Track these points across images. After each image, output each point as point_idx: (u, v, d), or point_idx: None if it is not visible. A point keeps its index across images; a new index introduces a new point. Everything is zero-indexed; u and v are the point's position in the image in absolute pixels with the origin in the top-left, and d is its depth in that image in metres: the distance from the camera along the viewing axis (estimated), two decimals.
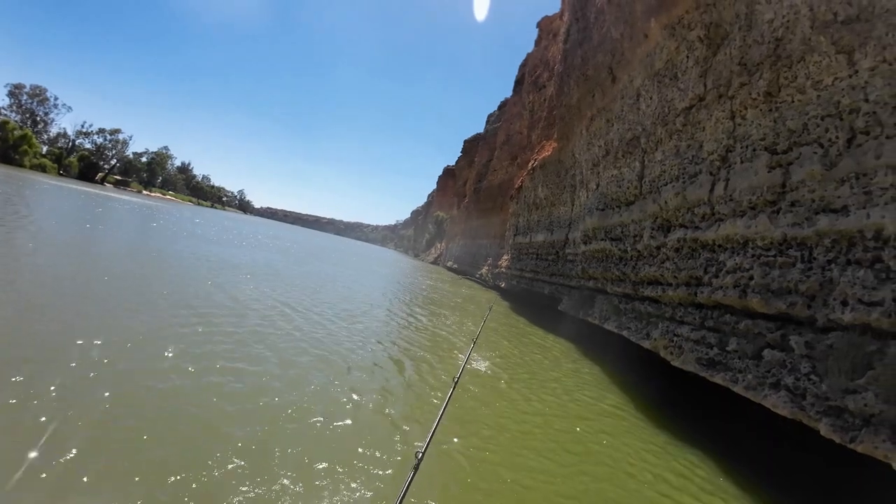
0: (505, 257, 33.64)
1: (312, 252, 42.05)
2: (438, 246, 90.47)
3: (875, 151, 4.98)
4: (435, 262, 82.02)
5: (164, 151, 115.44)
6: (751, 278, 7.24)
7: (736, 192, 7.88)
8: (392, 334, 11.87)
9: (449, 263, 66.44)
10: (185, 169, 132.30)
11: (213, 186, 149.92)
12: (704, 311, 8.88)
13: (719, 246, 8.45)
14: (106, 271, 11.11)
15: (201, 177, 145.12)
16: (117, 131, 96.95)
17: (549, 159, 23.43)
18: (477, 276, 44.80)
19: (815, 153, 6.02)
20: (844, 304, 5.08)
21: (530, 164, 27.98)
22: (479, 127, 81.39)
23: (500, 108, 69.86)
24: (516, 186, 31.20)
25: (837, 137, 5.64)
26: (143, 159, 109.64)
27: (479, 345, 11.38)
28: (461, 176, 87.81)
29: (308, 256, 34.69)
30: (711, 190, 8.67)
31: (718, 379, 7.73)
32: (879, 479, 4.95)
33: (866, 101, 5.26)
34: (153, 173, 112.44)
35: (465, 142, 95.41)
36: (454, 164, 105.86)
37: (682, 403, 9.89)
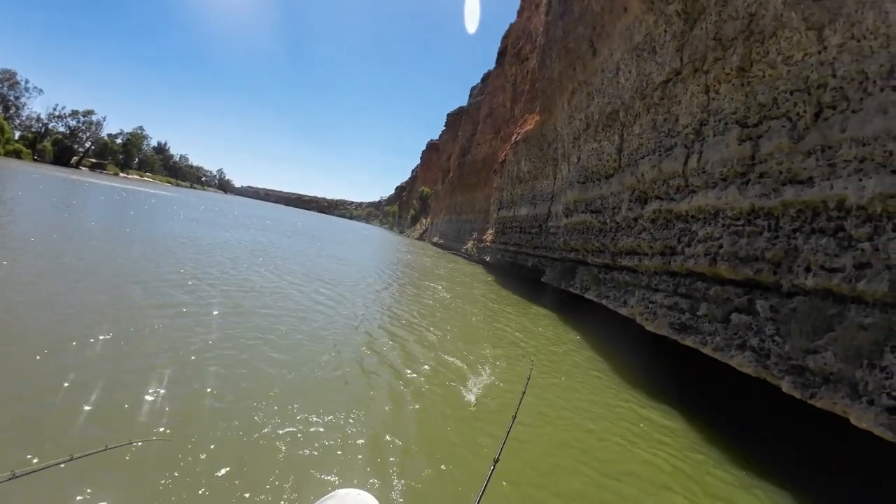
0: (489, 231, 33.79)
1: (299, 231, 41.60)
2: (423, 222, 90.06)
3: (840, 125, 5.12)
4: (420, 238, 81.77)
5: (139, 132, 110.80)
6: (720, 247, 7.49)
7: (708, 165, 8.04)
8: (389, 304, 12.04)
9: (434, 239, 66.39)
10: (161, 149, 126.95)
11: (191, 166, 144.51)
12: (677, 279, 9.17)
13: (692, 217, 8.66)
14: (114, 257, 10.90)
15: (179, 156, 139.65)
16: (90, 112, 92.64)
17: (532, 133, 23.33)
18: (462, 250, 44.99)
19: (784, 127, 6.16)
20: (808, 270, 5.32)
21: (513, 138, 27.83)
22: (463, 100, 79.92)
23: (483, 80, 68.66)
24: (500, 160, 31.08)
25: (805, 111, 5.77)
26: (118, 141, 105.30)
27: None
28: (445, 150, 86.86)
29: (296, 235, 34.34)
30: (685, 162, 8.82)
31: (689, 341, 8.07)
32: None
33: (834, 76, 5.37)
34: (129, 155, 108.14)
35: (449, 115, 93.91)
36: (438, 138, 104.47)
37: (655, 365, 10.28)
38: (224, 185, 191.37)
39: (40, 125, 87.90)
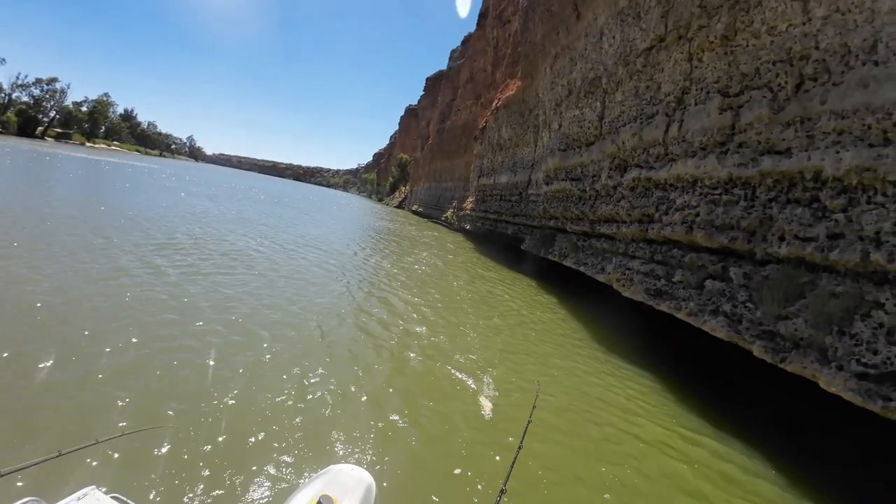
0: (470, 199, 33.59)
1: (276, 200, 40.47)
2: (402, 189, 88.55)
3: (821, 98, 5.13)
4: (400, 206, 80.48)
5: (104, 99, 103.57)
6: (697, 215, 7.61)
7: (689, 133, 8.05)
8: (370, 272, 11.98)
9: (414, 207, 65.64)
10: (128, 116, 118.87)
11: (160, 133, 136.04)
12: (654, 246, 9.34)
13: (670, 185, 8.73)
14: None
15: (147, 124, 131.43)
16: (54, 80, 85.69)
17: (513, 99, 22.87)
18: (442, 218, 44.71)
19: (765, 97, 6.15)
20: (782, 239, 5.46)
21: (494, 104, 27.26)
22: (443, 64, 77.23)
23: (463, 43, 66.31)
24: (480, 127, 30.54)
25: (787, 83, 5.76)
26: (84, 109, 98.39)
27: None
28: (424, 116, 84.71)
29: (279, 205, 33.41)
30: (666, 131, 8.80)
31: (664, 307, 8.30)
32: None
33: (817, 48, 5.34)
34: (95, 123, 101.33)
35: (428, 80, 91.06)
36: (416, 103, 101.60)
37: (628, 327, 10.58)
38: (195, 153, 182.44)
39: (3, 95, 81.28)
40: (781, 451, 5.00)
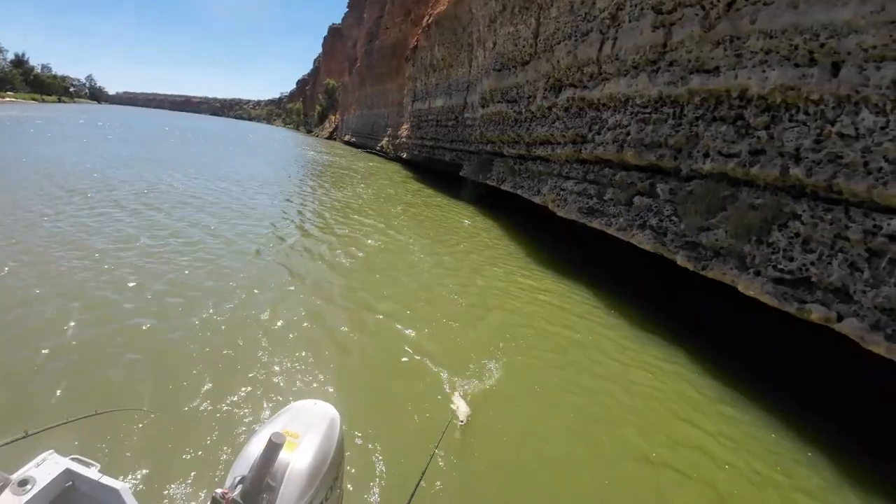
0: (405, 126, 31.93)
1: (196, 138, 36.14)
2: (332, 119, 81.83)
3: (751, 17, 5.08)
4: (331, 137, 74.66)
5: None
6: (628, 134, 7.70)
7: (622, 52, 7.87)
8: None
9: (346, 137, 61.40)
10: (20, 62, 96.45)
11: (55, 77, 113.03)
12: (587, 167, 9.48)
13: (603, 105, 8.69)
14: None
15: (40, 67, 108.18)
16: None
17: (445, 15, 21.09)
18: (378, 148, 42.48)
19: (697, 15, 6.03)
20: (706, 155, 5.66)
21: (425, 21, 25.06)
22: None
23: None
24: (412, 47, 28.27)
25: (719, 1, 5.61)
26: None
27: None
28: (350, 36, 76.79)
29: (197, 143, 29.80)
30: (600, 49, 8.55)
31: (596, 224, 8.63)
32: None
33: None
34: None
35: None
36: (341, 22, 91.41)
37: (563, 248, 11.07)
38: (97, 94, 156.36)
39: None
40: (694, 342, 5.60)
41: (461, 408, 3.56)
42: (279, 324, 4.95)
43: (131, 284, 5.42)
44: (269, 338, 4.61)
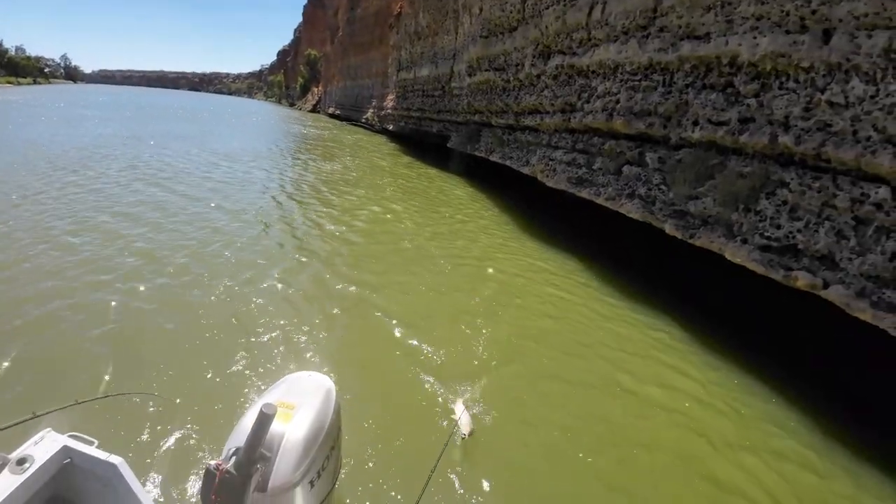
0: (390, 97, 30.98)
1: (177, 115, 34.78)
2: (315, 91, 78.85)
3: None
4: (314, 110, 72.02)
5: None
6: (617, 102, 7.54)
7: (612, 17, 7.60)
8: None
9: (330, 110, 59.37)
10: None
11: (29, 58, 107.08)
12: (576, 136, 9.32)
13: (593, 72, 8.46)
14: None
15: (14, 49, 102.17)
16: None
17: None
18: (363, 120, 41.24)
19: None
20: (695, 123, 5.57)
21: None
22: None
23: None
24: (395, 13, 27.06)
25: None
26: None
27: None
28: (331, 4, 72.97)
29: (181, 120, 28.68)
30: (590, 14, 8.26)
31: (585, 193, 8.57)
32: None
33: None
34: None
35: None
36: None
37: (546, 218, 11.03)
38: (72, 74, 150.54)
39: None
40: (682, 310, 5.68)
41: (460, 406, 3.53)
42: (285, 294, 5.11)
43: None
44: (274, 309, 4.72)
